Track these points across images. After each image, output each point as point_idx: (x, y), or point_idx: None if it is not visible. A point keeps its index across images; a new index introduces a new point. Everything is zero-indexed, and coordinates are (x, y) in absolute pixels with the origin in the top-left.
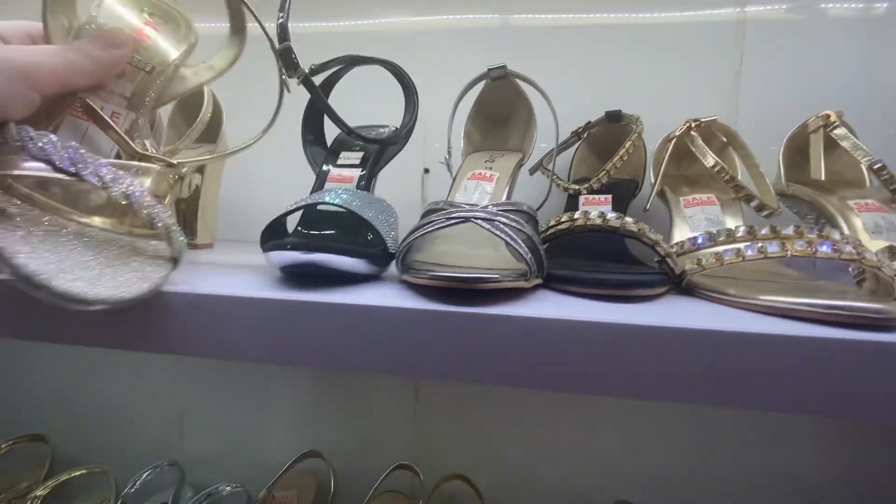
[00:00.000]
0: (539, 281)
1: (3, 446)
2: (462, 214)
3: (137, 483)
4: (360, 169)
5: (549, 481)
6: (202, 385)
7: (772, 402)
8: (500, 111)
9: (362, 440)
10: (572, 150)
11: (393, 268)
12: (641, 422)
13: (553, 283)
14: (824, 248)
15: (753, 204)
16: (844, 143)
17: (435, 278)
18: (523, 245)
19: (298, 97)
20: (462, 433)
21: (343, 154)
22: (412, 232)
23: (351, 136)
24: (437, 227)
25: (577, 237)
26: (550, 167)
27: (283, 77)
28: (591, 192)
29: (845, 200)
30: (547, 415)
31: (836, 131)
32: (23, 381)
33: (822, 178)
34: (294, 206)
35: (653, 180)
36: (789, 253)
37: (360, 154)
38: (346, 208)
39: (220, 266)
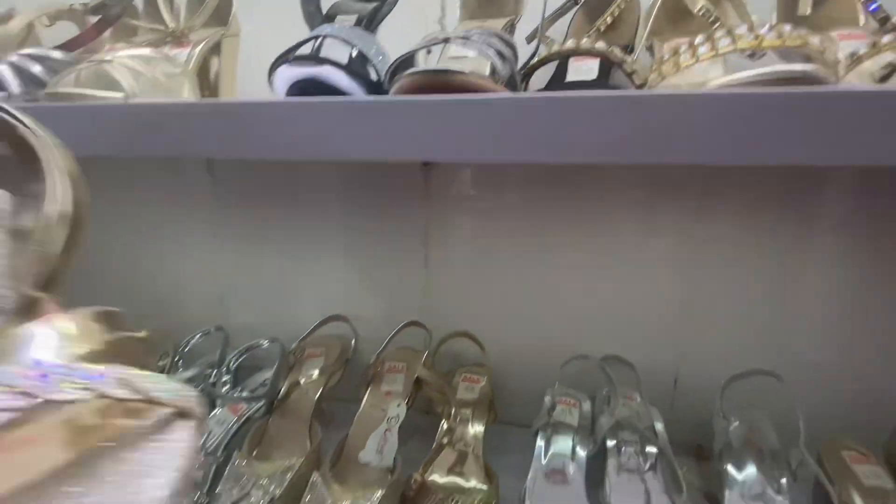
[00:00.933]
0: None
1: None
2: (443, 36)
3: (190, 344)
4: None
5: (548, 337)
6: (241, 264)
7: (693, 155)
8: None
9: (380, 310)
10: (569, 17)
11: None
12: (639, 276)
13: None
14: (770, 36)
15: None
16: None
17: (410, 75)
18: (492, 49)
19: None
20: (470, 300)
21: (339, 18)
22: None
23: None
24: (418, 47)
25: (561, 86)
26: (542, 32)
27: None
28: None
29: (829, 33)
30: (549, 275)
31: None
32: (93, 263)
33: (808, 12)
34: (295, 44)
35: (643, 34)
36: (738, 44)
37: (355, 16)
38: (342, 38)
39: None
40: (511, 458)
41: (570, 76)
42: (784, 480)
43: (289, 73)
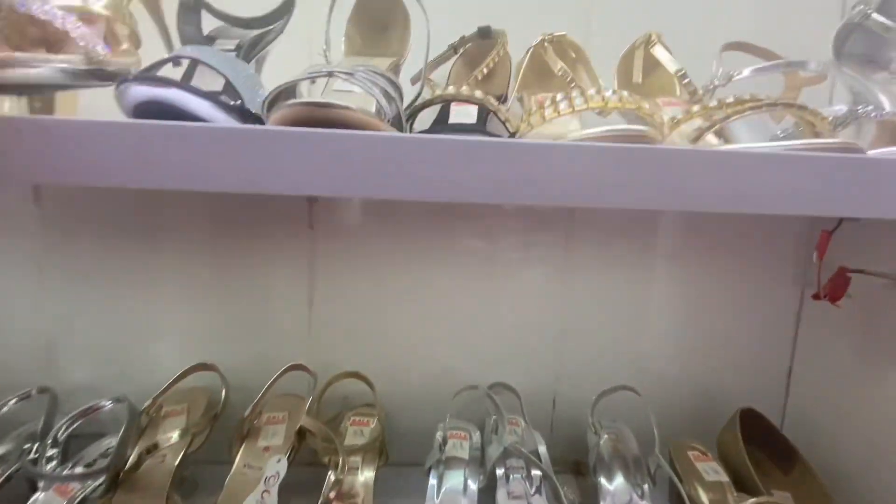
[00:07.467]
0: (394, 130)
1: None
2: (327, 70)
3: (1, 412)
4: (235, 54)
5: (436, 370)
6: (76, 308)
7: (570, 197)
8: (379, 17)
9: (256, 355)
10: (450, 64)
11: None
12: (518, 306)
13: None
14: (613, 98)
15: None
16: (660, 57)
17: (292, 106)
18: (378, 87)
19: None
20: (357, 340)
21: (218, 41)
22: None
23: (229, 24)
24: (300, 78)
25: (443, 128)
26: (425, 76)
27: None
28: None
29: (656, 99)
30: (434, 309)
31: (653, 48)
32: None
33: (640, 81)
34: (158, 60)
35: (514, 86)
36: (589, 104)
37: (236, 41)
38: (203, 62)
39: None
40: (405, 501)
41: (453, 119)
42: (646, 486)
43: (134, 93)
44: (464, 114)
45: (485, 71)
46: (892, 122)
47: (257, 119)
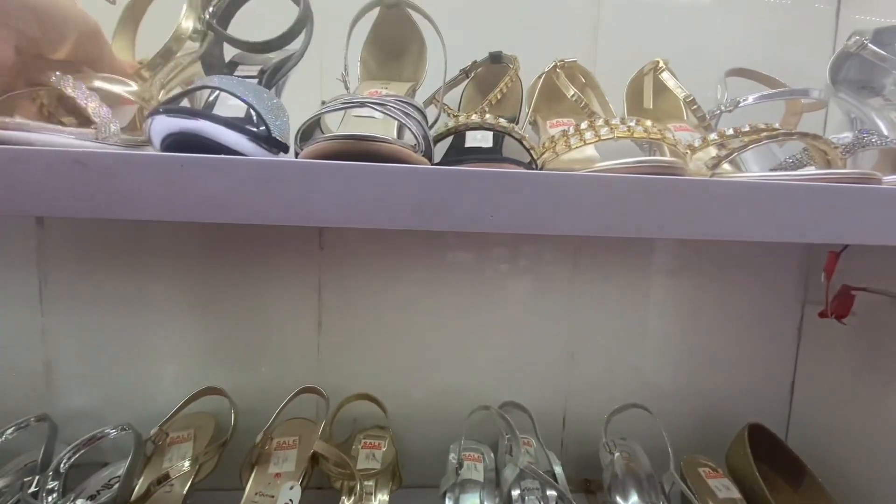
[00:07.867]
0: (427, 161)
1: None
2: (358, 100)
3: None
4: (257, 80)
5: (446, 390)
6: (75, 333)
7: (585, 226)
8: (395, 43)
9: (264, 378)
10: (461, 88)
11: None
12: (528, 326)
13: None
14: (639, 129)
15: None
16: (668, 83)
17: (330, 139)
18: (410, 122)
19: None
20: (366, 361)
21: (240, 67)
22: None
23: (246, 49)
24: (332, 108)
25: (461, 153)
26: (441, 100)
27: None
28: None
29: (667, 124)
30: (444, 330)
31: (662, 74)
32: None
33: (651, 106)
34: (180, 91)
35: (527, 110)
36: (615, 134)
37: (258, 67)
38: (227, 90)
39: None
40: None
41: (469, 143)
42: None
43: (162, 125)
44: (479, 138)
45: (499, 96)
46: (893, 150)
47: (283, 146)
